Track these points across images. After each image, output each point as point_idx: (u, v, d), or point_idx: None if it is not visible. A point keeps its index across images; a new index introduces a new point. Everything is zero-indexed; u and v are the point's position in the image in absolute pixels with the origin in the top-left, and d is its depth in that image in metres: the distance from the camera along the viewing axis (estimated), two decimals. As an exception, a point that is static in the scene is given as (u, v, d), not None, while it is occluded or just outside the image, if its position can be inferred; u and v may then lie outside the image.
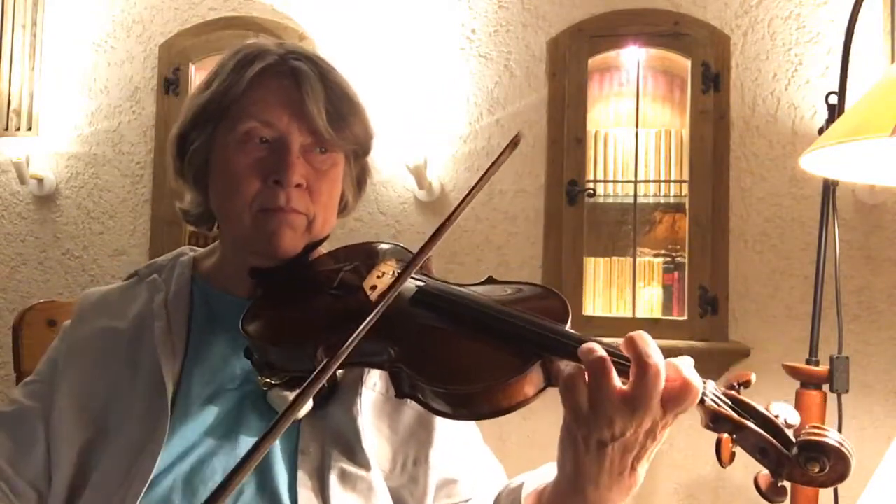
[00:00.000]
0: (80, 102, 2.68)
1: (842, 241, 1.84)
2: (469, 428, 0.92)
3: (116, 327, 0.89)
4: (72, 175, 2.67)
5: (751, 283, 2.21)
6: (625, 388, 0.59)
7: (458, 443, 0.87)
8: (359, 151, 0.93)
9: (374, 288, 0.80)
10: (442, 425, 0.85)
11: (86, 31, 2.69)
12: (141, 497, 0.75)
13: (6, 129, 2.70)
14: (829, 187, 1.73)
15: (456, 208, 0.71)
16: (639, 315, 2.28)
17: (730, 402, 0.61)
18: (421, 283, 0.78)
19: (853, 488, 1.50)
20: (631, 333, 0.60)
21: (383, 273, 0.82)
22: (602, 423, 0.59)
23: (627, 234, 2.38)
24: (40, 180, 2.65)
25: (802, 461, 0.58)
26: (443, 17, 2.43)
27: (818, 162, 1.49)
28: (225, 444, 0.80)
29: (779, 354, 2.09)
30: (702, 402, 0.60)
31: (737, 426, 0.60)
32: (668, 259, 2.35)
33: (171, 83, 2.57)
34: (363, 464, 0.80)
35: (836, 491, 1.73)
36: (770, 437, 0.59)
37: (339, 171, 0.90)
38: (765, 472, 0.60)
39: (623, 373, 0.60)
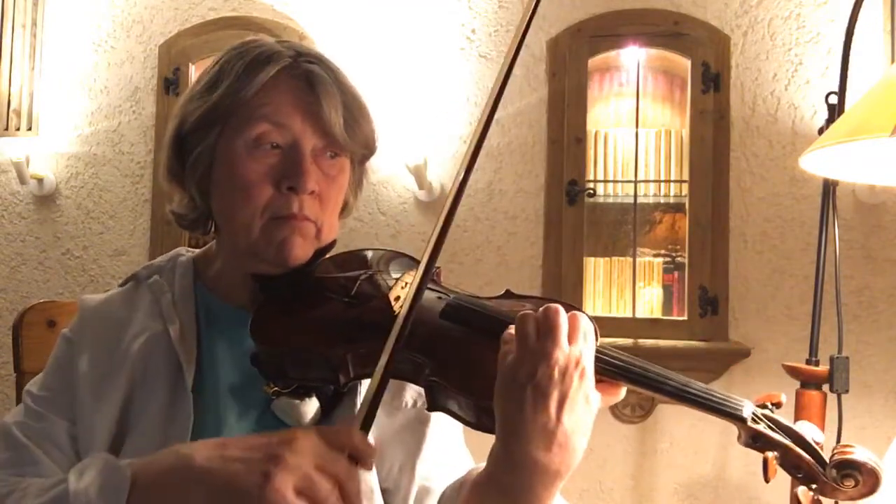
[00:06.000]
0: (80, 102, 2.68)
1: (842, 241, 1.84)
2: (455, 437, 0.89)
3: (123, 332, 0.87)
4: (72, 175, 2.67)
5: (751, 283, 2.20)
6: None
7: (443, 454, 0.85)
8: (366, 155, 0.92)
9: (398, 299, 0.79)
10: (432, 436, 0.84)
11: (86, 31, 2.69)
12: None
13: (6, 129, 2.70)
14: (829, 187, 1.73)
15: (486, 122, 0.73)
16: (639, 315, 2.28)
17: (767, 422, 0.66)
18: (446, 297, 0.77)
19: (853, 488, 1.50)
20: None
21: (407, 284, 0.81)
22: (522, 364, 0.64)
23: (627, 234, 2.38)
24: (40, 180, 2.65)
25: (839, 478, 0.63)
26: (443, 18, 2.43)
27: (818, 162, 1.49)
28: None
29: (779, 354, 2.09)
30: (743, 421, 0.65)
31: (776, 445, 0.64)
32: (668, 259, 2.35)
33: (171, 83, 2.58)
34: None
35: (836, 491, 1.73)
36: (807, 456, 0.64)
37: (346, 177, 0.89)
38: (802, 488, 0.65)
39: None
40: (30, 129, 2.69)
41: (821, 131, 1.70)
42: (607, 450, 2.25)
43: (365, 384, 0.83)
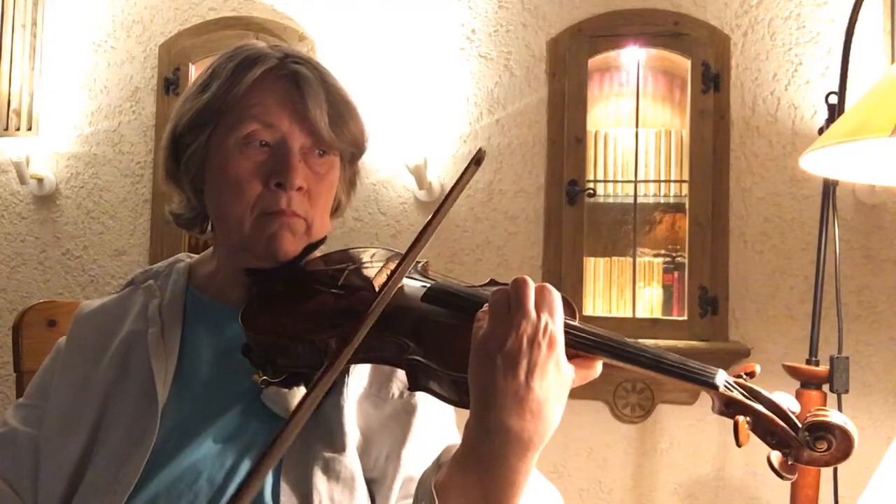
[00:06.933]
0: (80, 102, 2.68)
1: (842, 241, 1.84)
2: (444, 428, 0.90)
3: (112, 337, 0.90)
4: (72, 175, 2.67)
5: (751, 283, 2.20)
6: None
7: (430, 444, 0.85)
8: (355, 154, 0.94)
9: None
10: (418, 426, 0.85)
11: (86, 31, 2.69)
12: (125, 502, 0.76)
13: (6, 129, 2.70)
14: (829, 187, 1.74)
15: (424, 228, 0.73)
16: (639, 315, 2.28)
17: (740, 390, 0.66)
18: (429, 283, 0.79)
19: (853, 488, 1.50)
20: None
21: (390, 270, 0.83)
22: (493, 334, 0.64)
23: (627, 234, 2.38)
24: (40, 180, 2.65)
25: (812, 441, 0.63)
26: (443, 18, 2.43)
27: (818, 162, 1.49)
28: (216, 450, 0.80)
29: (779, 354, 2.09)
30: (715, 388, 0.65)
31: (748, 410, 0.65)
32: (668, 259, 2.35)
33: (171, 83, 2.58)
34: (341, 447, 0.80)
35: (835, 491, 1.74)
36: (779, 421, 0.64)
37: (336, 175, 0.91)
38: (775, 452, 0.65)
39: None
40: (30, 129, 2.69)
41: (821, 131, 1.70)
42: (607, 450, 2.25)
43: (352, 374, 0.85)
